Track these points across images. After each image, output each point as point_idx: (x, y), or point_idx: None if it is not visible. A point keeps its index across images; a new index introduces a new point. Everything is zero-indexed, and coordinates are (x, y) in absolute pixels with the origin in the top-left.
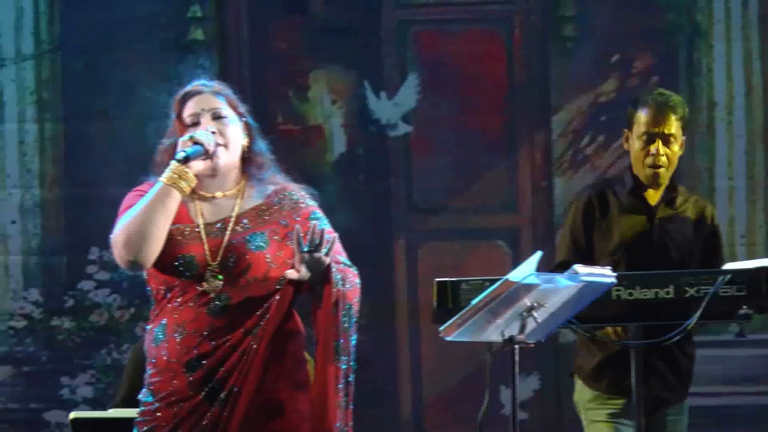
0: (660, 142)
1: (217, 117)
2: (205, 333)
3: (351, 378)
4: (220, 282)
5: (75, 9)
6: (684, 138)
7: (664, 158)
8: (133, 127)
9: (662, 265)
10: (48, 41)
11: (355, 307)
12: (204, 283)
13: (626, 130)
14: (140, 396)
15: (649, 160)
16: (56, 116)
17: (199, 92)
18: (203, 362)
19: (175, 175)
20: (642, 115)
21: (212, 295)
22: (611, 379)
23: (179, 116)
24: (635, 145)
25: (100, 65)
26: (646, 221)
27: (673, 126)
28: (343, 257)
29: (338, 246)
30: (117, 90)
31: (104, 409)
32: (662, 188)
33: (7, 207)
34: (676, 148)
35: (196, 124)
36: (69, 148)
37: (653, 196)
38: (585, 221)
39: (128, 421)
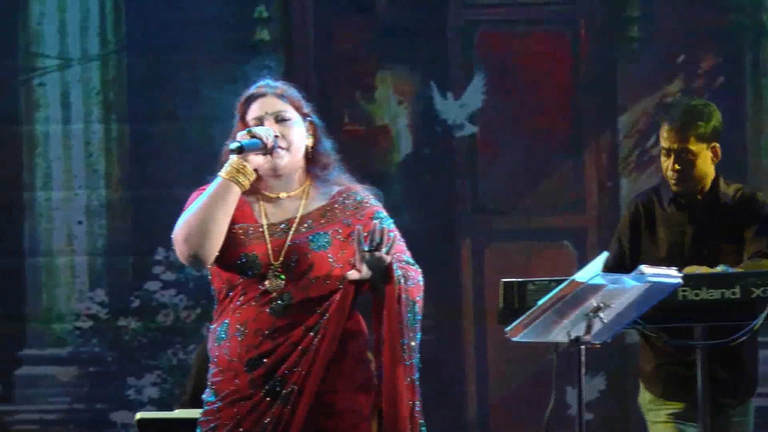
0: (674, 159)
1: (280, 120)
2: (267, 332)
3: (417, 376)
4: (282, 281)
5: (141, 9)
6: (715, 145)
7: (682, 173)
8: (199, 127)
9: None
10: (114, 41)
11: (419, 304)
12: (266, 283)
13: None
14: (204, 396)
15: (668, 174)
16: (122, 117)
17: (262, 95)
18: (264, 360)
19: (233, 169)
20: (663, 129)
21: (274, 294)
22: (666, 383)
23: (243, 118)
24: (661, 156)
25: (166, 65)
26: (688, 231)
27: (692, 142)
28: (406, 256)
29: (401, 245)
30: (183, 90)
31: (170, 409)
32: (702, 195)
33: (73, 207)
34: (699, 161)
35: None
36: (135, 148)
37: (694, 204)
38: (631, 231)
39: (194, 422)
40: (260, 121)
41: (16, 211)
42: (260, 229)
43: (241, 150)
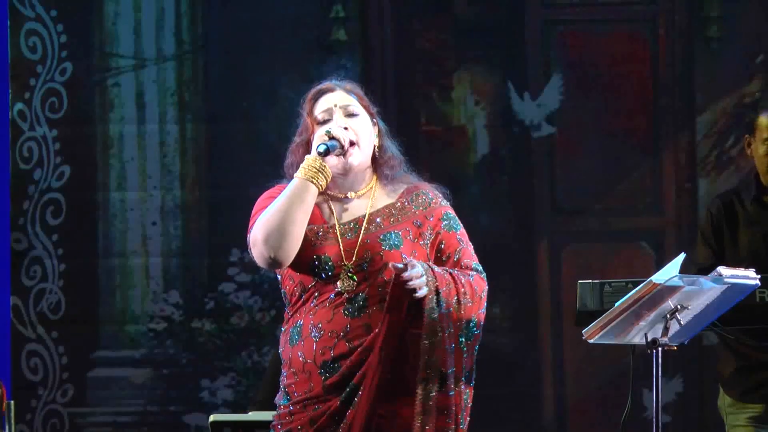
0: None
1: (349, 114)
2: (342, 334)
3: (466, 398)
4: (355, 282)
5: (216, 9)
6: None
7: None
8: (275, 127)
9: None
10: (189, 42)
11: (477, 319)
12: (339, 283)
13: (747, 135)
14: (276, 399)
15: None
16: (198, 117)
17: (331, 90)
18: (339, 365)
19: (312, 169)
20: (763, 120)
21: (348, 295)
22: (747, 387)
23: (311, 113)
24: (759, 150)
25: (242, 66)
26: None
27: None
28: (474, 263)
29: (469, 249)
30: (259, 91)
31: (244, 411)
32: None
33: (148, 208)
34: None
35: (327, 120)
36: (210, 149)
37: None
38: (714, 230)
39: (268, 424)
40: (329, 114)
41: (90, 212)
42: (331, 230)
43: (327, 152)
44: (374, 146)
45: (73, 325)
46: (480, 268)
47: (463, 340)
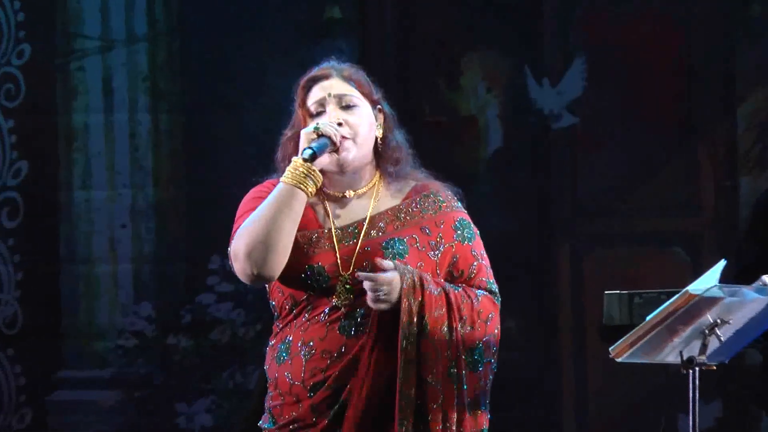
0: None
1: (345, 106)
2: (335, 354)
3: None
4: (353, 296)
5: None
6: None
7: None
8: (262, 119)
9: None
10: (163, 21)
11: (484, 342)
12: (335, 297)
13: None
14: (260, 422)
15: None
16: (173, 106)
17: (326, 77)
18: (327, 383)
19: (300, 174)
20: None
21: (344, 311)
22: None
23: (303, 104)
24: None
25: (223, 48)
26: None
27: None
28: (490, 282)
29: (483, 264)
30: (242, 76)
31: None
32: None
33: (116, 209)
34: None
35: (321, 113)
36: (188, 142)
37: None
38: (762, 225)
39: None
40: (322, 106)
41: (51, 214)
42: (326, 235)
43: (314, 157)
44: (376, 138)
45: (31, 342)
46: (494, 287)
47: (455, 371)
